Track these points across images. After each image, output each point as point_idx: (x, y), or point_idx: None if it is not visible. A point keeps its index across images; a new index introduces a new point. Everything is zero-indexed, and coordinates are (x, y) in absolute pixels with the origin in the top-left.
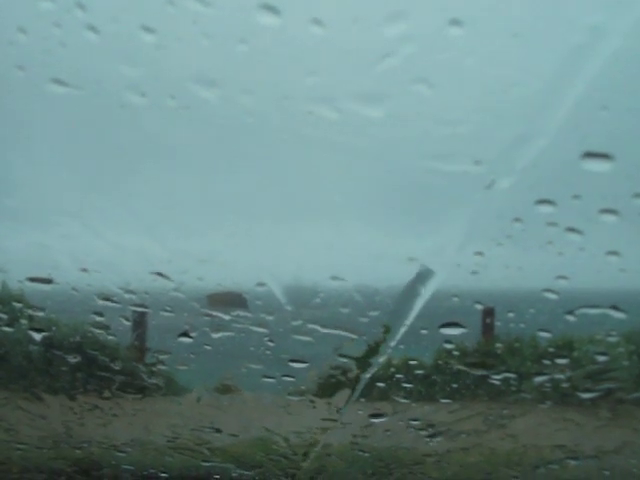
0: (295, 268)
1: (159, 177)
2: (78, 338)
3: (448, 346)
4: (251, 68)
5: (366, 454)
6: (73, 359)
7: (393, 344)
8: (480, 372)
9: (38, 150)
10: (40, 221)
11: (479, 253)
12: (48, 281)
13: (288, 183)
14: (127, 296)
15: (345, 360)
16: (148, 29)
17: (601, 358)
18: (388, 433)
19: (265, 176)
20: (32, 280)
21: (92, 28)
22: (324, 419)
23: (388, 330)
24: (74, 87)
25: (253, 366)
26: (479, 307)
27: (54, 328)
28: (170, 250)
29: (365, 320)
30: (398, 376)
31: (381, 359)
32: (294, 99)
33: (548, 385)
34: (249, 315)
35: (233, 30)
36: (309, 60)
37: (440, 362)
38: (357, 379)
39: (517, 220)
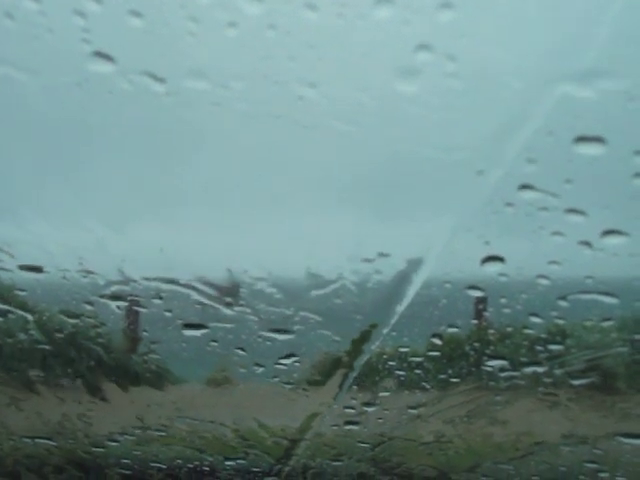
0: (287, 257)
1: (149, 165)
2: (69, 328)
3: (441, 333)
4: (241, 52)
5: (359, 442)
6: (64, 349)
7: (385, 332)
8: (472, 359)
9: (24, 139)
10: (28, 211)
11: (470, 239)
12: (39, 269)
13: (279, 170)
14: (118, 285)
15: (337, 349)
16: (136, 13)
17: (594, 344)
18: (381, 421)
19: (256, 163)
20: (22, 268)
21: (80, 13)
22: (317, 407)
23: (380, 318)
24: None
25: (245, 354)
26: (471, 293)
27: (45, 318)
28: (162, 239)
29: (358, 309)
30: (391, 364)
31: (373, 347)
32: (285, 84)
33: (541, 372)
34: (241, 304)
35: (222, 14)
36: (298, 44)
37: (433, 349)
38: (349, 367)
39: (509, 205)
